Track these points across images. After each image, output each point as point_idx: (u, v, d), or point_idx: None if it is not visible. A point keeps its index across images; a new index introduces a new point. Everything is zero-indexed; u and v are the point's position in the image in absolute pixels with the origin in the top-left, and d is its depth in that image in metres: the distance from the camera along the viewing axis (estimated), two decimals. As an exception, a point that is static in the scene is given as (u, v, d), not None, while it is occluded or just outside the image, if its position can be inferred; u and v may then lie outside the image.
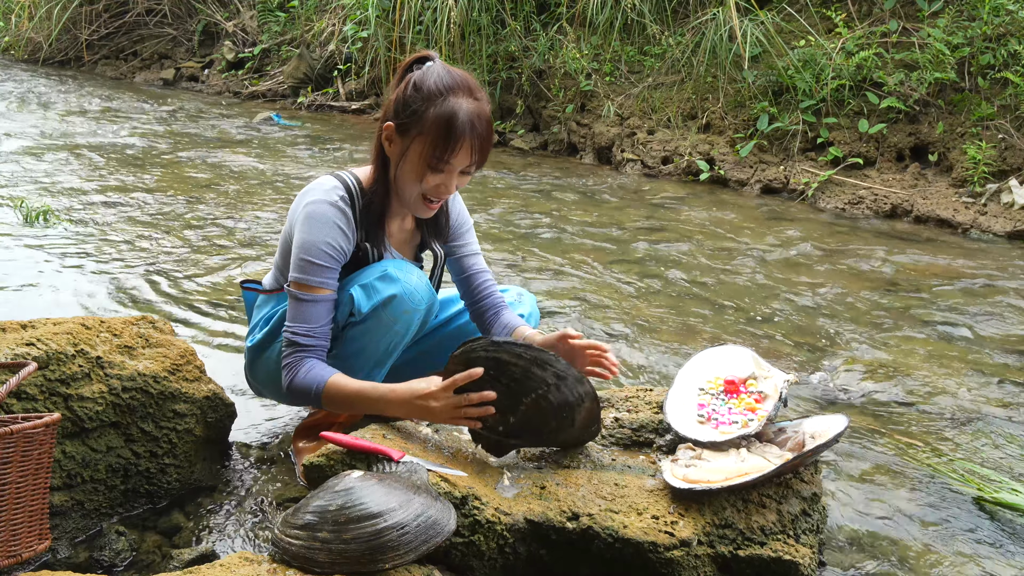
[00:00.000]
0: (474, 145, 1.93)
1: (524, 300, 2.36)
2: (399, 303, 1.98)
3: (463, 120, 1.90)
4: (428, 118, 1.91)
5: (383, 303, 1.97)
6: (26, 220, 4.25)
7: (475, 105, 1.93)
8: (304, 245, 1.97)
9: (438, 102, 1.91)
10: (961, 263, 4.52)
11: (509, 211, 5.25)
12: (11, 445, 1.50)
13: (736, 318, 3.57)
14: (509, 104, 7.79)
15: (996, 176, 5.38)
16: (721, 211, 5.52)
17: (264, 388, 2.29)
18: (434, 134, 1.91)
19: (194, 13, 11.01)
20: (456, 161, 1.95)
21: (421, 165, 1.95)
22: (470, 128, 1.91)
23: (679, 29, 7.16)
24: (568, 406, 1.86)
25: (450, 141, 1.91)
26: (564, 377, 1.83)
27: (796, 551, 1.73)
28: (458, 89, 1.93)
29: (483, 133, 1.94)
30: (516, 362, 1.82)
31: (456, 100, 1.91)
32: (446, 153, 1.92)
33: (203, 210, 4.82)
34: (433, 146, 1.92)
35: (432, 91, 1.92)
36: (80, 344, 1.92)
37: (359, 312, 1.99)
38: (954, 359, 3.20)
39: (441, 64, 1.99)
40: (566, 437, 1.92)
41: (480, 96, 1.97)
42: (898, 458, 2.45)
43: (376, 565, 1.48)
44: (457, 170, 1.97)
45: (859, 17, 6.48)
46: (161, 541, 1.91)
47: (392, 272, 1.99)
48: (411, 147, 1.96)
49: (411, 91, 1.95)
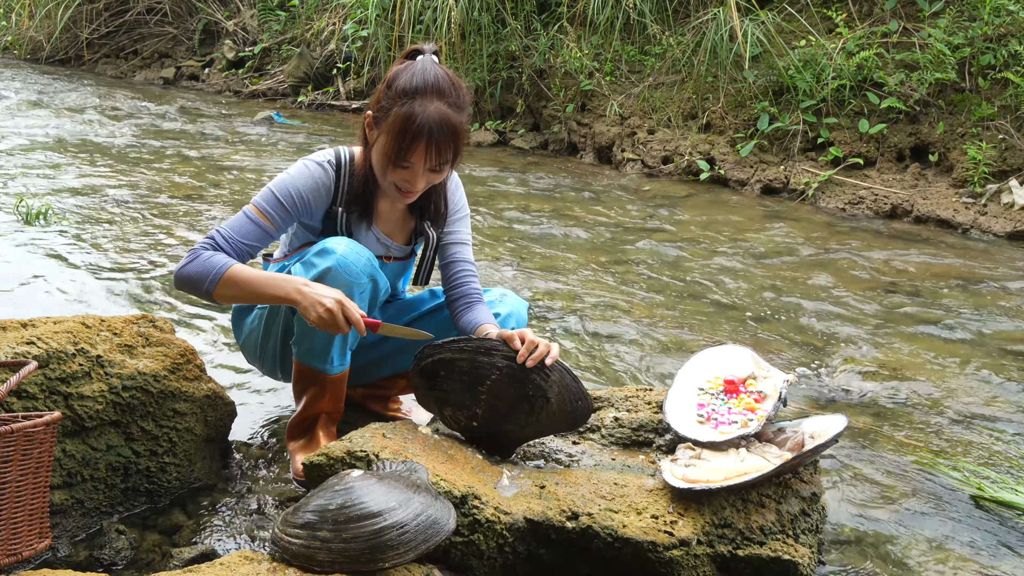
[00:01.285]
0: (431, 149, 1.96)
1: (506, 300, 2.31)
2: (335, 275, 2.00)
3: (420, 124, 1.93)
4: (391, 116, 1.98)
5: (319, 276, 2.00)
6: (26, 219, 4.25)
7: (439, 109, 1.95)
8: (278, 182, 2.09)
9: (402, 103, 1.96)
10: (961, 263, 4.53)
11: (509, 211, 5.25)
12: (11, 444, 1.50)
13: (736, 318, 3.57)
14: (509, 103, 7.79)
15: (996, 176, 5.38)
16: (721, 211, 5.52)
17: (246, 351, 2.37)
18: (394, 133, 1.97)
19: (194, 12, 11.01)
20: (414, 160, 1.98)
21: (384, 159, 2.02)
22: (427, 133, 1.94)
23: (680, 29, 7.16)
24: (532, 384, 1.87)
25: (405, 142, 1.96)
26: (514, 358, 1.87)
27: (795, 551, 1.73)
28: (427, 91, 1.95)
29: (444, 137, 1.96)
30: (460, 356, 1.90)
31: (420, 103, 1.94)
32: (402, 153, 1.97)
33: (203, 209, 4.82)
34: (392, 144, 1.98)
35: (400, 91, 1.97)
36: (80, 343, 1.92)
37: None
38: (953, 359, 3.20)
39: (425, 62, 2.01)
40: (549, 417, 1.91)
41: (453, 99, 1.98)
42: (897, 458, 2.46)
43: (376, 564, 1.48)
44: (420, 169, 2.00)
45: (860, 17, 6.48)
46: (161, 540, 1.91)
47: (329, 246, 2.03)
48: (378, 140, 2.03)
49: (385, 86, 2.02)
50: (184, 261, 2.01)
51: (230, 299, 2.03)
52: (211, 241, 2.03)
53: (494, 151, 7.38)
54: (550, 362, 1.89)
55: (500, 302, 2.30)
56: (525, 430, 1.94)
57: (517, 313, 2.30)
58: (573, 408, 1.92)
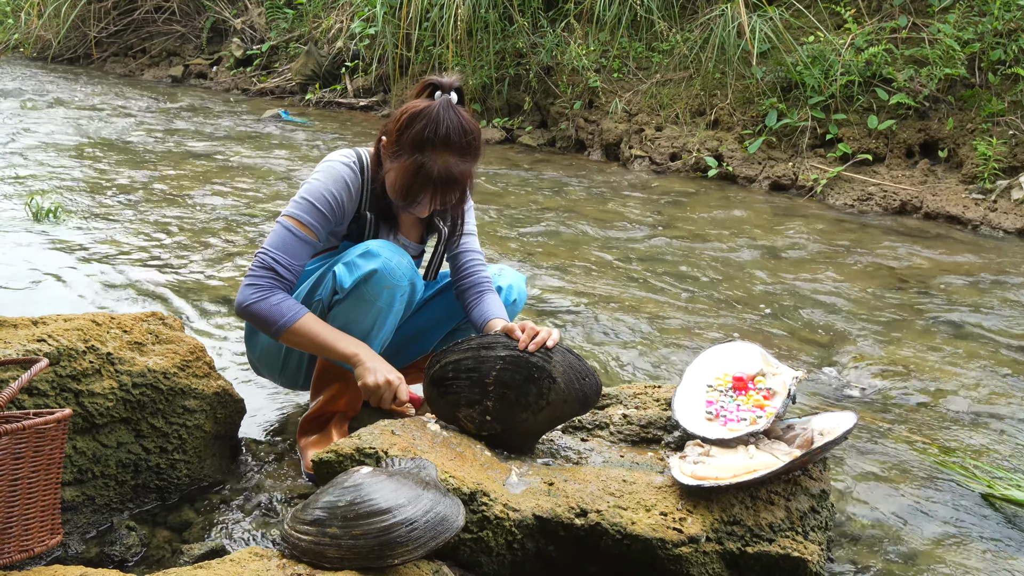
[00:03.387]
0: (436, 196, 2.03)
1: (505, 274, 2.38)
2: (380, 278, 2.02)
3: (425, 176, 1.99)
4: (404, 160, 2.01)
5: (364, 278, 2.02)
6: (36, 217, 4.27)
7: (446, 163, 1.99)
8: (310, 188, 2.10)
9: (417, 153, 1.99)
10: (971, 260, 4.51)
11: (517, 208, 5.25)
12: (23, 440, 1.51)
13: (745, 314, 3.56)
14: (517, 101, 7.78)
15: (1006, 172, 5.35)
16: (729, 208, 5.50)
17: (263, 366, 2.34)
18: (403, 179, 2.02)
19: (202, 10, 11.04)
20: (419, 208, 2.06)
21: (395, 194, 2.07)
22: (433, 185, 2.00)
23: (687, 25, 7.14)
24: (535, 367, 1.90)
25: (413, 191, 2.02)
26: (515, 347, 1.92)
27: (805, 548, 1.72)
28: (438, 146, 1.98)
29: (449, 187, 2.01)
30: (464, 355, 1.95)
31: (430, 157, 1.98)
32: (409, 197, 2.04)
33: (212, 207, 4.83)
34: (400, 187, 2.04)
35: (412, 142, 2.00)
36: (90, 340, 1.92)
37: (341, 288, 2.04)
38: (963, 355, 3.19)
39: (441, 107, 2.01)
40: (559, 397, 1.91)
41: (463, 149, 2.01)
42: (907, 454, 2.45)
43: (385, 561, 1.49)
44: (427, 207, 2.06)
45: (868, 13, 6.45)
46: (171, 536, 1.92)
47: (374, 249, 2.04)
48: (390, 173, 2.07)
49: (404, 126, 2.02)
50: (251, 296, 2.00)
51: (292, 344, 2.07)
52: (272, 273, 2.02)
53: (501, 148, 7.37)
54: (551, 344, 1.92)
55: (500, 275, 2.36)
56: (539, 416, 1.93)
57: (517, 285, 2.37)
58: (581, 386, 1.93)
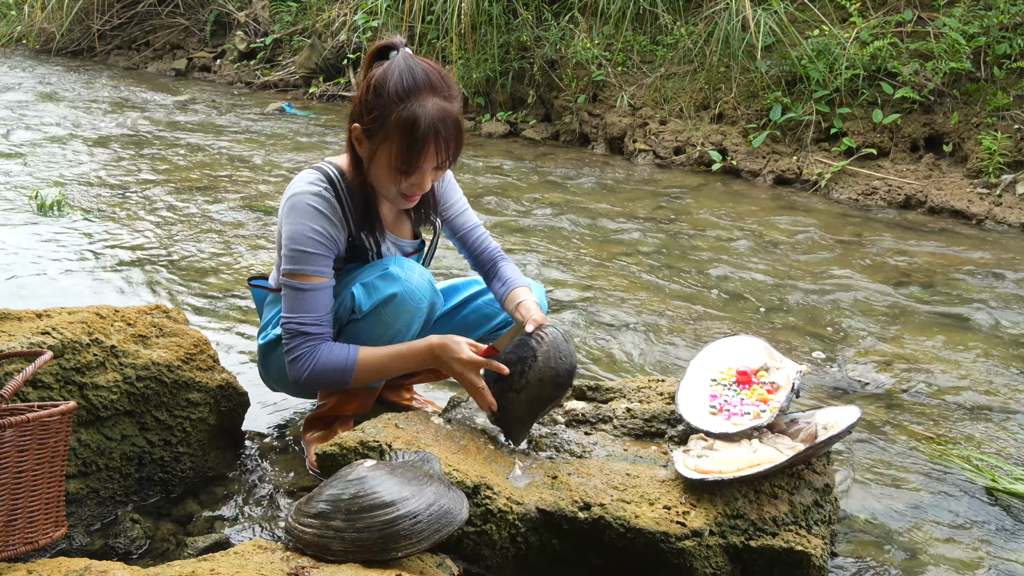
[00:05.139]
0: (440, 147, 1.89)
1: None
2: (400, 302, 1.98)
3: (426, 126, 1.85)
4: (391, 125, 1.88)
5: (383, 301, 1.98)
6: (40, 210, 4.27)
7: (439, 105, 1.87)
8: (292, 236, 1.96)
9: (399, 108, 1.86)
10: (976, 254, 4.50)
11: (521, 202, 5.24)
12: (27, 433, 1.51)
13: (748, 308, 3.56)
14: (521, 94, 7.77)
15: (1011, 167, 5.34)
16: (734, 202, 5.49)
17: (279, 384, 2.30)
18: (399, 142, 1.88)
19: (206, 3, 11.02)
20: (426, 164, 1.92)
21: (391, 170, 1.93)
22: (434, 132, 1.86)
23: (692, 19, 7.12)
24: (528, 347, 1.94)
25: (415, 148, 1.87)
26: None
27: (808, 542, 1.73)
28: (421, 90, 1.87)
29: (450, 132, 1.89)
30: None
31: (418, 104, 1.86)
32: (413, 159, 1.89)
33: (214, 200, 4.83)
34: (399, 153, 1.89)
35: (392, 95, 1.87)
36: (95, 333, 1.93)
37: (360, 310, 2.00)
38: (967, 350, 3.18)
39: (403, 59, 1.91)
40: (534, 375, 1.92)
41: (446, 92, 1.91)
42: (910, 449, 2.45)
43: (389, 554, 1.49)
44: (429, 169, 1.94)
45: (874, 6, 6.43)
46: (175, 529, 1.92)
47: (393, 271, 1.99)
48: (379, 152, 1.93)
49: (372, 95, 1.90)
50: (300, 368, 1.96)
51: (366, 382, 2.03)
52: (303, 337, 1.96)
53: (505, 142, 7.36)
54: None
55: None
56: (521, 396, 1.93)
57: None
58: (556, 364, 1.91)
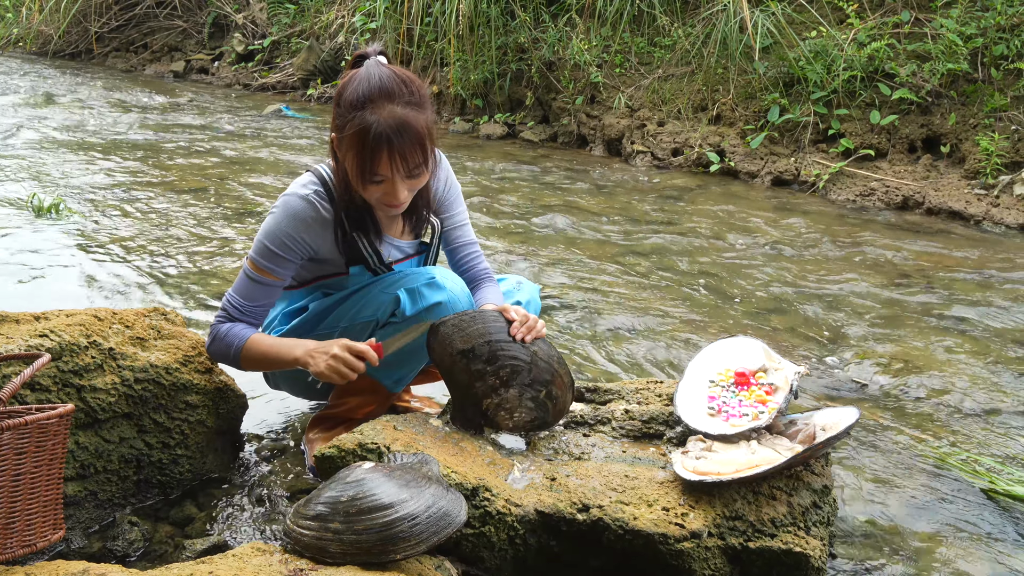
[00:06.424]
0: (395, 156, 1.86)
1: (523, 288, 2.36)
2: (443, 311, 2.01)
3: (376, 134, 1.84)
4: (347, 134, 1.89)
5: (427, 309, 2.01)
6: (38, 212, 4.27)
7: (394, 113, 1.85)
8: (268, 230, 2.02)
9: (354, 117, 1.87)
10: (973, 255, 4.50)
11: (518, 203, 5.24)
12: (25, 436, 1.51)
13: (747, 310, 3.56)
14: (519, 96, 7.77)
15: (1009, 168, 5.34)
16: (732, 203, 5.50)
17: (282, 382, 2.33)
18: (354, 150, 1.88)
19: (204, 5, 11.03)
20: (383, 172, 1.89)
21: (355, 179, 1.93)
22: (386, 141, 1.84)
23: (689, 20, 7.12)
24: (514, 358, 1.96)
25: (367, 157, 1.87)
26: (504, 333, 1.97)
27: (807, 543, 1.73)
28: (376, 98, 1.86)
29: (405, 141, 1.86)
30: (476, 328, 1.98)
31: (370, 113, 1.85)
32: (368, 168, 1.88)
33: (212, 202, 4.83)
34: (356, 162, 1.89)
35: (348, 105, 1.88)
36: (93, 336, 1.93)
37: (402, 314, 2.02)
38: (966, 351, 3.18)
39: (369, 68, 1.91)
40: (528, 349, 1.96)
41: (406, 98, 1.88)
42: (909, 450, 2.45)
43: (388, 556, 1.49)
44: (395, 179, 1.91)
45: (871, 8, 6.44)
46: (174, 531, 1.92)
47: (439, 280, 2.02)
48: (344, 160, 1.95)
49: (336, 105, 1.93)
50: (208, 340, 2.07)
51: (255, 369, 2.09)
52: (225, 314, 2.06)
53: (503, 144, 7.37)
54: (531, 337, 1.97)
55: (517, 290, 2.35)
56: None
57: (533, 299, 2.36)
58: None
